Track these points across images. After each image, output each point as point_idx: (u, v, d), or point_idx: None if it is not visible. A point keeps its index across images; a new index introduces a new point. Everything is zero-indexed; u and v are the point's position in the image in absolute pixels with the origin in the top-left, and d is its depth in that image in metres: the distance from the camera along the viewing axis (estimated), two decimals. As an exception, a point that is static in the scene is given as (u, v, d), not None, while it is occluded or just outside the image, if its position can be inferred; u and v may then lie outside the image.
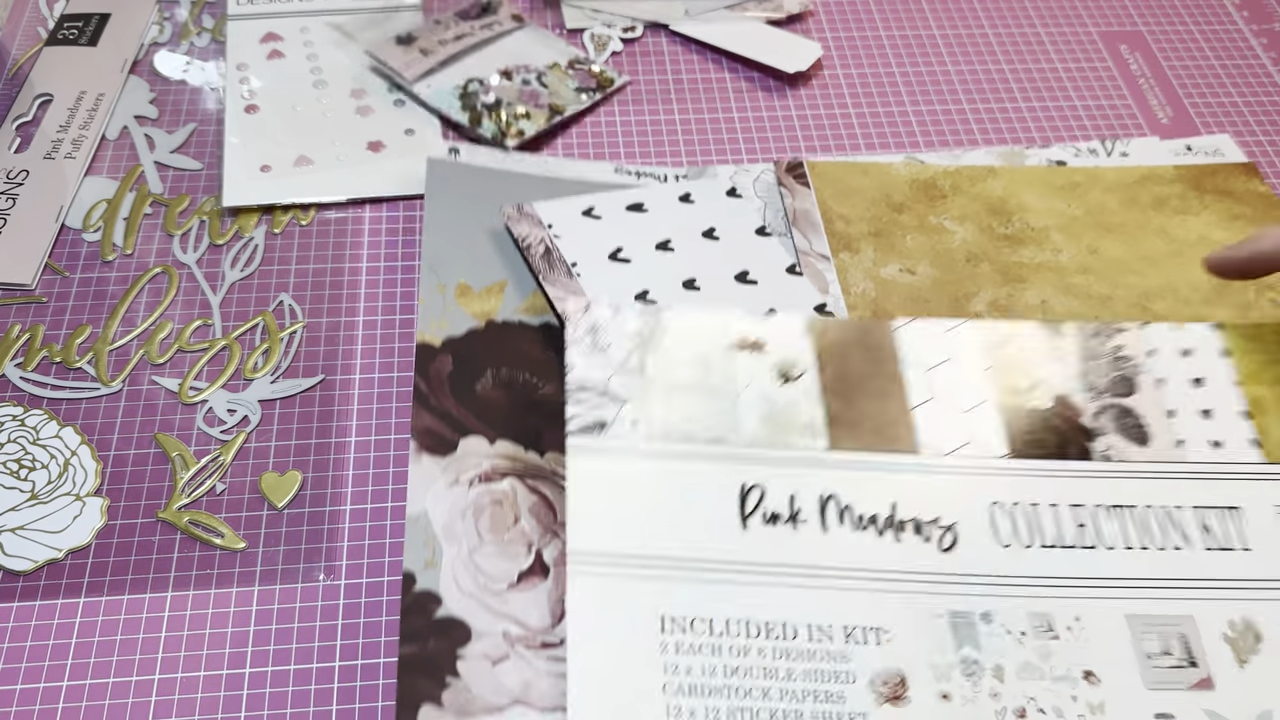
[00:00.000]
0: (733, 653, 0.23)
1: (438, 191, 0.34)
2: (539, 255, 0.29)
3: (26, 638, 0.27)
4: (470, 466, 0.26)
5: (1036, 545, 0.25)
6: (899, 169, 0.37)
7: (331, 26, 0.42)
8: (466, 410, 0.27)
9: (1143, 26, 0.46)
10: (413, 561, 0.24)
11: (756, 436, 0.26)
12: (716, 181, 0.36)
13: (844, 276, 0.32)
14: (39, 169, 0.37)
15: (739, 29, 0.44)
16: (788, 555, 0.25)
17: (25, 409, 0.31)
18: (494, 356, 0.28)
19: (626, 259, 0.31)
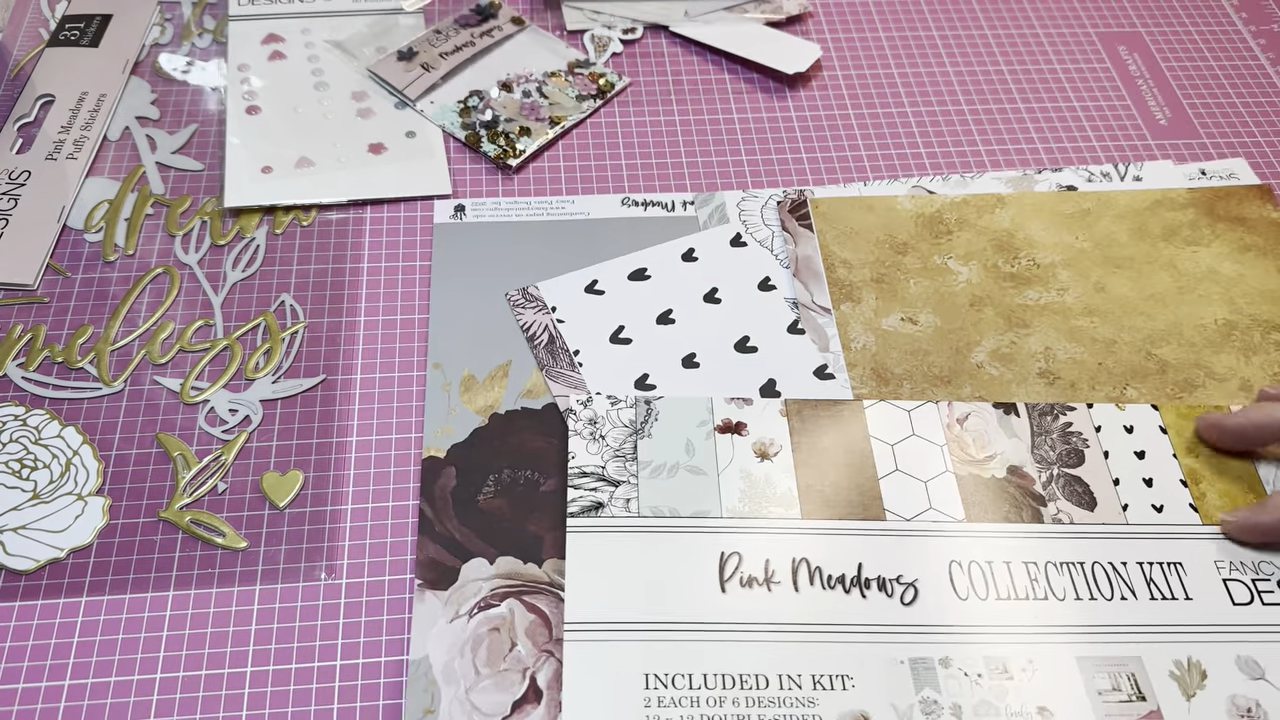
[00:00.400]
0: (710, 703, 0.25)
1: (444, 263, 0.35)
2: (543, 346, 0.31)
3: (29, 637, 0.27)
4: (470, 595, 0.27)
5: (992, 598, 0.28)
6: (904, 204, 0.37)
7: (332, 44, 0.42)
8: (469, 530, 0.28)
9: (1141, 28, 0.46)
10: (412, 713, 0.25)
11: (735, 509, 0.29)
12: (721, 231, 0.36)
13: (844, 331, 0.32)
14: (41, 169, 0.38)
15: (738, 30, 0.44)
16: (762, 614, 0.27)
17: (27, 409, 0.32)
18: (497, 457, 0.30)
19: (628, 339, 0.32)
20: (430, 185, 0.38)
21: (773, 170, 0.39)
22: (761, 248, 0.35)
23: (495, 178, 0.39)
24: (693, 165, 0.40)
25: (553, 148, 0.40)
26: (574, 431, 0.30)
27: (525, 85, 0.41)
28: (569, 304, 0.33)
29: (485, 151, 0.39)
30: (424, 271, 0.36)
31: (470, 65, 0.42)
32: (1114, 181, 0.38)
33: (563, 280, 0.34)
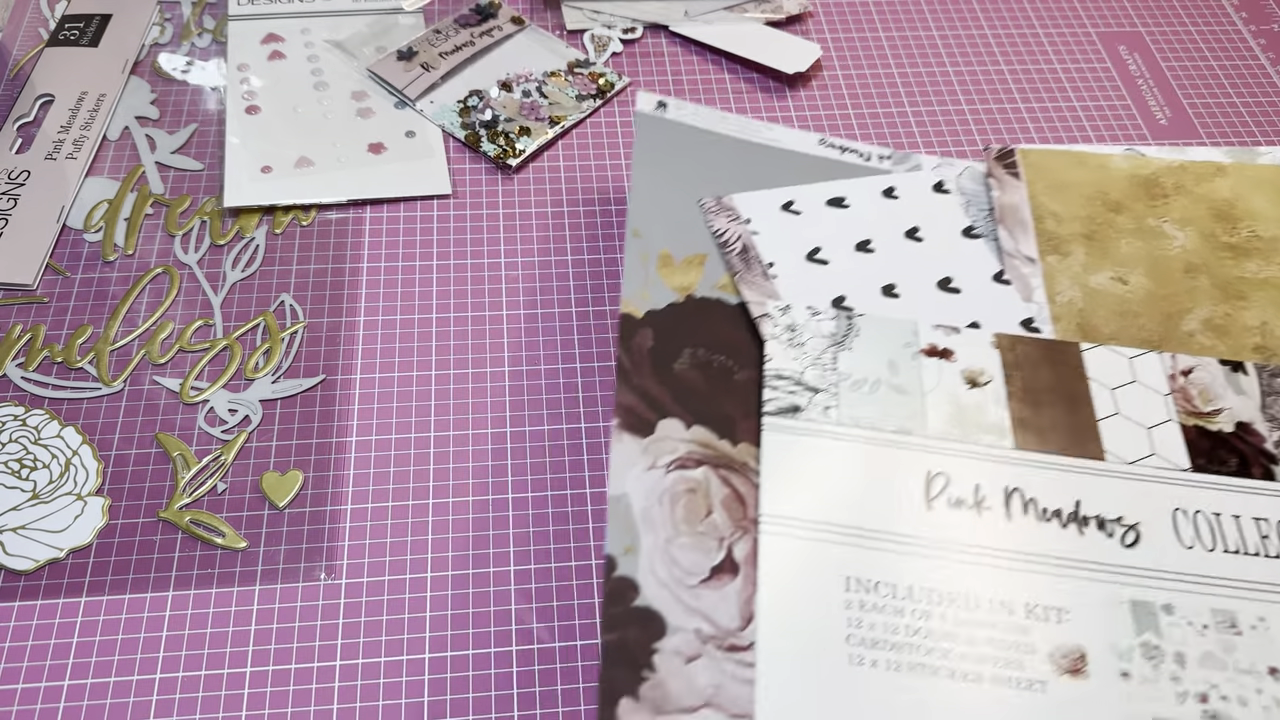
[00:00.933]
0: (915, 615, 0.25)
1: (645, 149, 0.34)
2: (736, 253, 0.30)
3: (28, 637, 0.27)
4: (667, 451, 0.26)
5: (1219, 550, 0.26)
6: (1118, 162, 0.35)
7: (331, 44, 0.42)
8: (665, 390, 0.27)
9: (1141, 28, 0.46)
10: (614, 546, 0.25)
11: (943, 431, 0.28)
12: (923, 176, 0.35)
13: (1050, 283, 0.31)
14: (40, 169, 0.38)
15: (738, 30, 0.44)
16: (971, 536, 0.26)
17: (27, 409, 0.32)
18: (692, 335, 0.29)
19: (824, 260, 0.31)
20: (430, 185, 0.38)
21: (773, 170, 0.39)
22: (963, 196, 0.34)
23: (495, 177, 0.39)
24: (693, 165, 0.40)
25: (553, 147, 0.40)
26: (770, 335, 0.29)
27: (525, 85, 0.41)
28: (764, 218, 0.32)
29: (485, 151, 0.39)
30: (424, 270, 0.36)
31: (470, 65, 0.42)
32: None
33: (758, 195, 0.33)
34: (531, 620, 0.28)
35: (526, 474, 0.31)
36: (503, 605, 0.28)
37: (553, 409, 0.33)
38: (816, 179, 0.34)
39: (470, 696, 0.27)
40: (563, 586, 0.29)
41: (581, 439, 0.32)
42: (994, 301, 0.31)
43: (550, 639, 0.28)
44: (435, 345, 0.34)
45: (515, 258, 0.36)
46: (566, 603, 0.29)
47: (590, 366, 0.34)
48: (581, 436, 0.32)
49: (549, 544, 0.30)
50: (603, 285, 0.36)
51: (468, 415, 0.32)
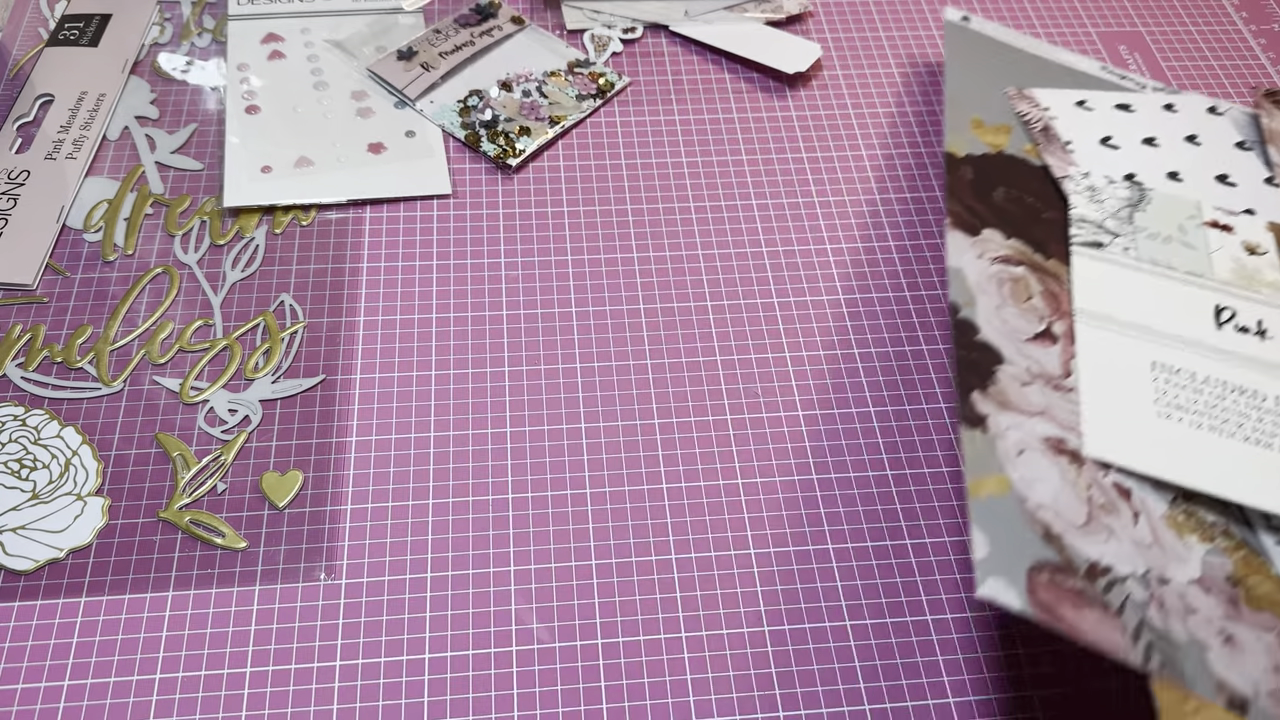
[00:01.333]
0: (1214, 396, 0.29)
1: (953, 47, 0.39)
2: (1038, 130, 0.35)
3: (28, 637, 0.27)
4: (991, 249, 0.31)
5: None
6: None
7: (331, 44, 0.42)
8: (986, 209, 0.32)
9: (1142, 27, 0.46)
10: (956, 296, 0.29)
11: (1227, 279, 0.32)
12: (1197, 98, 0.39)
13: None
14: (40, 169, 0.38)
15: (739, 30, 0.44)
16: (1256, 353, 0.30)
17: (26, 409, 0.32)
18: (1005, 178, 0.34)
19: (1115, 146, 0.36)
20: (430, 185, 0.38)
21: (773, 170, 0.39)
22: (1233, 122, 0.38)
23: (495, 177, 0.39)
24: (692, 165, 0.39)
25: (553, 147, 0.40)
26: (1073, 192, 0.33)
27: (525, 85, 0.41)
28: (1060, 108, 0.37)
29: (485, 151, 0.39)
30: (424, 270, 0.36)
31: (470, 65, 0.42)
32: None
33: (1054, 91, 0.38)
34: (532, 620, 0.28)
35: (526, 474, 0.31)
36: (503, 605, 0.29)
37: (553, 409, 0.33)
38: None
39: (470, 697, 0.27)
40: (563, 587, 0.29)
41: (582, 439, 0.32)
42: (1266, 199, 0.35)
43: (550, 639, 0.28)
44: (435, 345, 0.34)
45: (515, 258, 0.36)
46: (567, 603, 0.29)
47: (590, 367, 0.34)
48: (582, 437, 0.32)
49: (549, 544, 0.30)
50: (602, 285, 0.36)
51: (468, 415, 0.32)
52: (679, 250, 0.37)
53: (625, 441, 0.32)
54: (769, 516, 0.31)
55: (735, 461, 0.32)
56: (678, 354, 0.34)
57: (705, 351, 0.34)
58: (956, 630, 0.29)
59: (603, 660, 0.28)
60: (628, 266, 0.36)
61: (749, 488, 0.31)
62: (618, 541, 0.30)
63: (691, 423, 0.33)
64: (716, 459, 0.32)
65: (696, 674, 0.28)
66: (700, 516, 0.31)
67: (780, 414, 0.33)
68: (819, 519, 0.31)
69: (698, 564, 0.30)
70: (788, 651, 0.28)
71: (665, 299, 0.36)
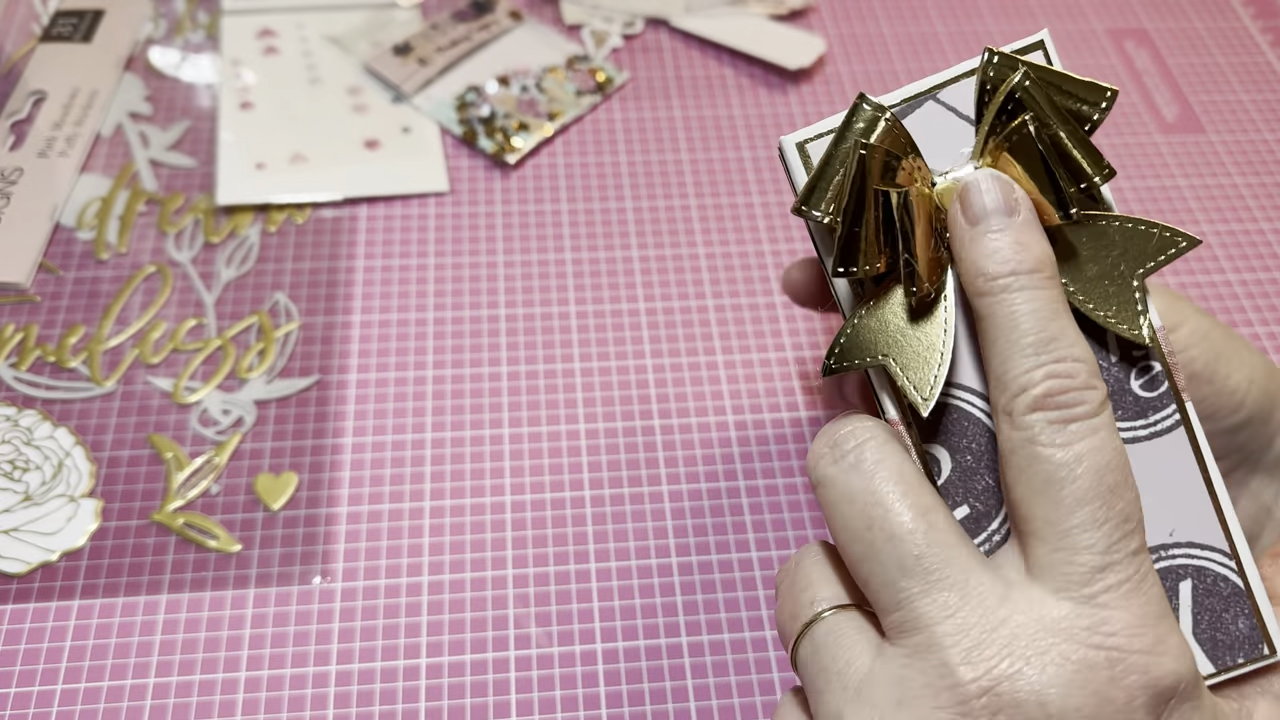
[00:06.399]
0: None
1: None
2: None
3: (20, 640, 0.27)
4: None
5: None
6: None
7: (326, 39, 0.41)
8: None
9: (1148, 23, 0.46)
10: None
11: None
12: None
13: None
14: (33, 167, 0.37)
15: (740, 24, 0.43)
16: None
17: (19, 409, 0.31)
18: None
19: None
20: (427, 182, 0.37)
21: (775, 166, 0.39)
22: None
23: (493, 174, 0.38)
24: (693, 161, 0.39)
25: (551, 144, 0.39)
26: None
27: (523, 80, 0.41)
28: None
29: (482, 147, 0.38)
30: (420, 269, 0.35)
31: (467, 60, 0.41)
32: None
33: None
34: (530, 625, 0.28)
35: (525, 476, 0.31)
36: (500, 610, 0.28)
37: (551, 409, 0.32)
38: None
39: (468, 702, 0.27)
40: (561, 591, 0.29)
41: (580, 439, 0.32)
42: None
43: (549, 644, 0.28)
44: (432, 345, 0.33)
45: (514, 255, 0.36)
46: (565, 607, 0.28)
47: (589, 366, 0.33)
48: (580, 438, 0.32)
49: (547, 547, 0.29)
50: (601, 284, 0.35)
51: (465, 416, 0.32)
52: (679, 248, 0.37)
53: (625, 442, 0.32)
54: (770, 519, 0.30)
55: (736, 463, 0.31)
56: (678, 353, 0.34)
57: (706, 350, 0.34)
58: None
59: (602, 665, 0.27)
60: (627, 264, 0.36)
61: (750, 489, 0.31)
62: (617, 544, 0.30)
63: (692, 423, 0.32)
64: (717, 459, 0.31)
65: (698, 679, 0.27)
66: (701, 519, 0.30)
67: (782, 414, 0.33)
68: (820, 520, 0.30)
69: (699, 567, 0.29)
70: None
71: (665, 297, 0.35)
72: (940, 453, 0.20)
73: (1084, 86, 0.20)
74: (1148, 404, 0.20)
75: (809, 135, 0.20)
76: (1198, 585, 0.20)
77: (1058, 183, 0.19)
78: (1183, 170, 0.40)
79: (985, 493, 0.20)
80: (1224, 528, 0.20)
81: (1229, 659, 0.20)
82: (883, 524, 0.18)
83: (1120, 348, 0.20)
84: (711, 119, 0.40)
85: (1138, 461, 0.20)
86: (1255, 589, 0.20)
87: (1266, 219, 0.39)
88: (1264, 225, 0.39)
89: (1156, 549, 0.20)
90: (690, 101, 0.41)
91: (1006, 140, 0.19)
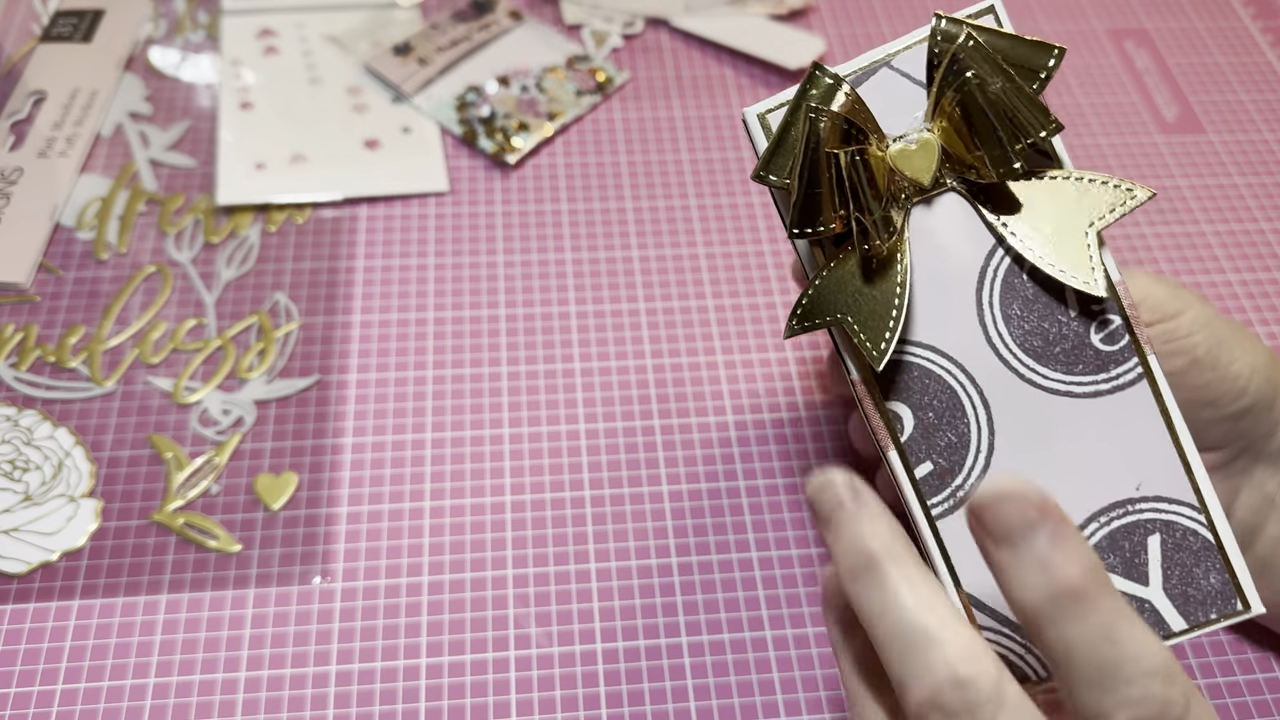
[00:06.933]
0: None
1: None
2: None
3: (20, 640, 0.27)
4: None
5: None
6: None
7: (328, 39, 0.41)
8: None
9: (1148, 23, 0.46)
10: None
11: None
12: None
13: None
14: (33, 167, 0.37)
15: (740, 24, 0.43)
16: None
17: (19, 409, 0.31)
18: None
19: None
20: (427, 182, 0.37)
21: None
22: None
23: (493, 174, 0.38)
24: (693, 162, 0.39)
25: (551, 144, 0.39)
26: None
27: (523, 80, 0.41)
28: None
29: (482, 147, 0.38)
30: (420, 269, 0.35)
31: (467, 60, 0.41)
32: None
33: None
34: (530, 625, 0.28)
35: (525, 475, 0.31)
36: (500, 610, 0.28)
37: (551, 409, 0.32)
38: None
39: (468, 702, 0.27)
40: (561, 591, 0.29)
41: (580, 439, 0.32)
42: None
43: (549, 644, 0.28)
44: (432, 345, 0.33)
45: (514, 255, 0.36)
46: (565, 607, 0.28)
47: (589, 366, 0.33)
48: (580, 438, 0.32)
49: (548, 547, 0.29)
50: (601, 284, 0.35)
51: (465, 416, 0.32)
52: (679, 248, 0.37)
53: (625, 442, 0.32)
54: (770, 519, 0.30)
55: (736, 463, 0.31)
56: (678, 353, 0.34)
57: (706, 350, 0.34)
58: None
59: (602, 665, 0.27)
60: (627, 264, 0.36)
61: (750, 489, 0.31)
62: (617, 544, 0.30)
63: (692, 423, 0.32)
64: (718, 460, 0.31)
65: (698, 679, 0.27)
66: (701, 519, 0.30)
67: (782, 414, 0.33)
68: (821, 521, 0.30)
69: (699, 567, 0.29)
70: (790, 657, 0.28)
71: (665, 297, 0.35)
72: (902, 410, 0.21)
73: (1031, 46, 0.20)
74: (1109, 357, 0.21)
75: (770, 106, 0.21)
76: (1167, 540, 0.20)
77: (1001, 138, 0.19)
78: (1182, 170, 0.40)
79: (948, 449, 0.20)
80: (1192, 481, 0.20)
81: (1200, 614, 0.20)
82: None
83: (1079, 302, 0.21)
84: (711, 119, 0.40)
85: (1099, 416, 0.20)
86: (1226, 542, 0.20)
87: (1266, 219, 0.39)
88: (1264, 225, 0.39)
89: (1123, 503, 0.20)
90: (690, 101, 0.41)
91: (955, 100, 0.20)
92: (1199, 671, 0.28)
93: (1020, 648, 0.20)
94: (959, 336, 0.21)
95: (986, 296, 0.21)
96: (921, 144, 0.20)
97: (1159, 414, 0.20)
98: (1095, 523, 0.20)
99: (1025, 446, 0.20)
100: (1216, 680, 0.28)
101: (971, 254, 0.21)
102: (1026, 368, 0.21)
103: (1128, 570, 0.20)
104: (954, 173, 0.21)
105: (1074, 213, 0.20)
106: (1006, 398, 0.20)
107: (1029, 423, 0.20)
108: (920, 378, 0.20)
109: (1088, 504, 0.20)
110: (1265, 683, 0.28)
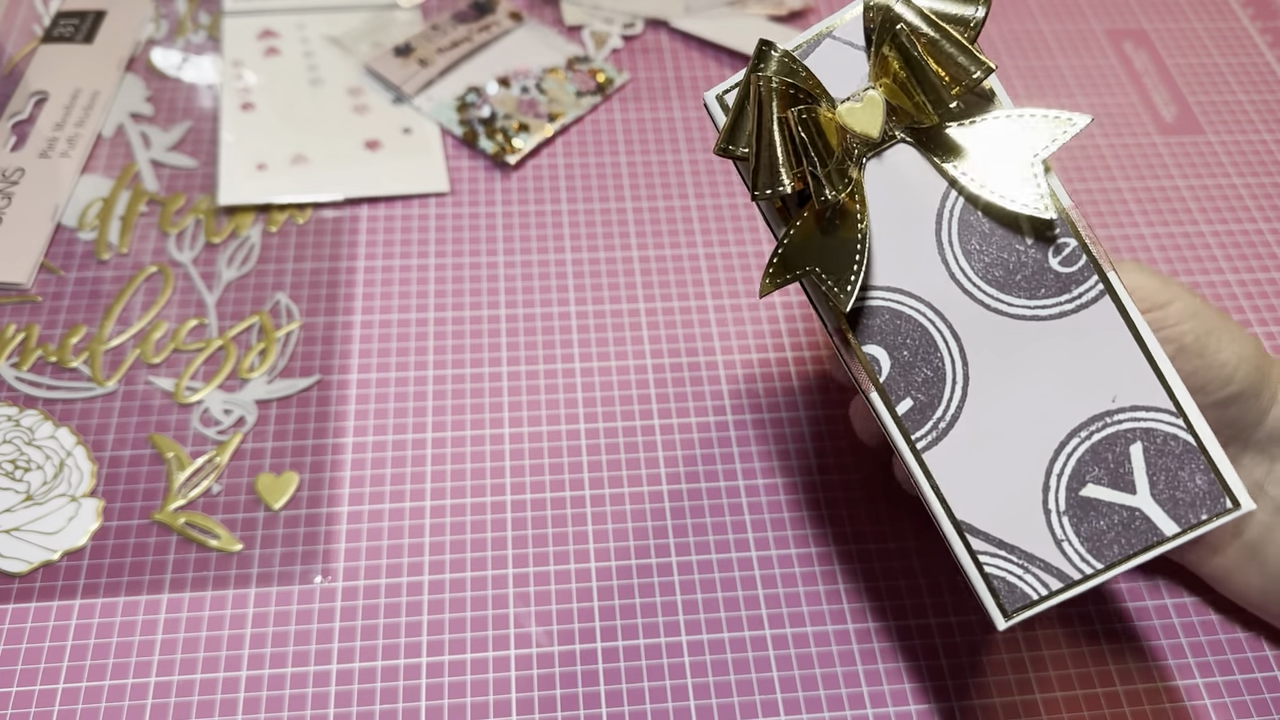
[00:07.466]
0: None
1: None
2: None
3: (21, 640, 0.27)
4: None
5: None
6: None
7: (329, 40, 0.41)
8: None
9: (1147, 24, 0.46)
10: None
11: None
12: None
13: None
14: (34, 167, 0.37)
15: (740, 25, 0.43)
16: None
17: (21, 409, 0.31)
18: None
19: None
20: (427, 182, 0.38)
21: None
22: None
23: (493, 174, 0.38)
24: (693, 162, 0.39)
25: (551, 144, 0.39)
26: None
27: (523, 81, 0.41)
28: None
29: (483, 148, 0.38)
30: (421, 269, 0.35)
31: (468, 61, 0.41)
32: None
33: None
34: (530, 624, 0.28)
35: (525, 475, 0.31)
36: (501, 609, 0.28)
37: (551, 409, 0.32)
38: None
39: (468, 702, 0.27)
40: (561, 590, 0.29)
41: (580, 439, 0.32)
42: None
43: (549, 643, 0.28)
44: (433, 345, 0.33)
45: (514, 256, 0.36)
46: (565, 606, 0.28)
47: (590, 367, 0.33)
48: (580, 438, 0.32)
49: (548, 546, 0.29)
50: (601, 284, 0.35)
51: (465, 416, 0.32)
52: (679, 248, 0.37)
53: (625, 442, 0.32)
54: (770, 519, 0.30)
55: (736, 463, 0.31)
56: (678, 353, 0.34)
57: (706, 350, 0.34)
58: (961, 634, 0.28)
59: (602, 664, 0.27)
60: (627, 264, 0.36)
61: (750, 489, 0.31)
62: (617, 544, 0.30)
63: (692, 423, 0.32)
64: (717, 460, 0.31)
65: (697, 678, 0.27)
66: (701, 519, 0.30)
67: (782, 414, 0.33)
68: (821, 520, 0.30)
69: (699, 566, 0.29)
70: (789, 656, 0.28)
71: (665, 297, 0.35)
72: (878, 352, 0.21)
73: (961, 1, 0.21)
74: (1069, 279, 0.21)
75: (727, 87, 0.22)
76: (1148, 447, 0.21)
77: (935, 83, 0.20)
78: (1182, 171, 0.40)
79: (925, 384, 0.21)
80: (1166, 387, 0.21)
81: (1192, 516, 0.20)
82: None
83: (1034, 229, 0.21)
84: (711, 119, 0.40)
85: (1066, 335, 0.21)
86: (1208, 443, 0.21)
87: (1265, 219, 0.39)
88: (1263, 225, 0.39)
89: (1101, 416, 0.21)
90: (690, 101, 0.41)
91: (892, 54, 0.21)
92: (1198, 671, 0.28)
93: (1019, 569, 0.21)
94: (924, 277, 0.21)
95: (945, 236, 0.22)
96: (867, 101, 0.21)
97: (1125, 326, 0.21)
98: (1076, 438, 0.21)
99: (999, 373, 0.21)
100: (1216, 680, 0.28)
101: (927, 197, 0.22)
102: (991, 298, 0.21)
103: (1114, 481, 0.21)
104: (900, 125, 0.22)
105: (1019, 147, 0.21)
106: (976, 329, 0.21)
107: (1000, 350, 0.21)
108: (891, 320, 0.21)
109: (1067, 421, 0.21)
110: (1264, 681, 0.28)
